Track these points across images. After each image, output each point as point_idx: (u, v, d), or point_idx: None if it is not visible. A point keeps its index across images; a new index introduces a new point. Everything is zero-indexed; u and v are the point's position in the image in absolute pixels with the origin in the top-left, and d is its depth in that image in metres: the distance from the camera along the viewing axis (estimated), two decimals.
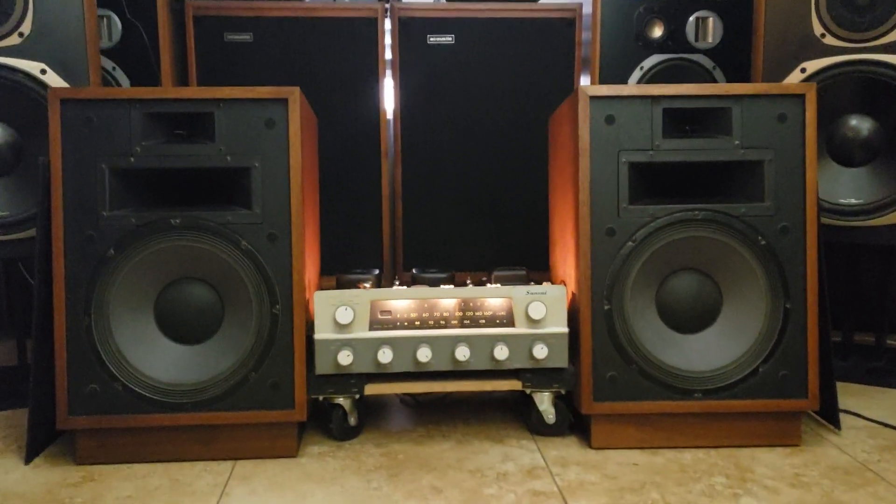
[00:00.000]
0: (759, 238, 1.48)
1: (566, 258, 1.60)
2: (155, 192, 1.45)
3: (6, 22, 1.62)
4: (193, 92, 1.40)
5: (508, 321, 1.51)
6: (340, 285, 1.61)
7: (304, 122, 1.46)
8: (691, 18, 2.22)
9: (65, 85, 1.63)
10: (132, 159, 1.40)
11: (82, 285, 1.39)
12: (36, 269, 1.41)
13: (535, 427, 1.56)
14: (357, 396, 1.52)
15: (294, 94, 1.41)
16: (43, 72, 1.63)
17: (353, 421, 1.54)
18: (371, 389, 1.51)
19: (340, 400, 1.52)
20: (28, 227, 1.67)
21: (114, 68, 2.06)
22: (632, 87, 1.48)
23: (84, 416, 1.40)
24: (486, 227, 2.25)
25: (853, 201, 1.85)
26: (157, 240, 1.40)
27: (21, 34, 1.63)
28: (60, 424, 1.40)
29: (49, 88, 1.41)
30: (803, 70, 1.86)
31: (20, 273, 1.90)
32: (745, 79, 2.14)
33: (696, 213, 1.47)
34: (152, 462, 1.44)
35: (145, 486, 1.34)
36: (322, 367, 1.48)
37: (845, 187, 1.87)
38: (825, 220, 1.84)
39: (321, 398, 1.51)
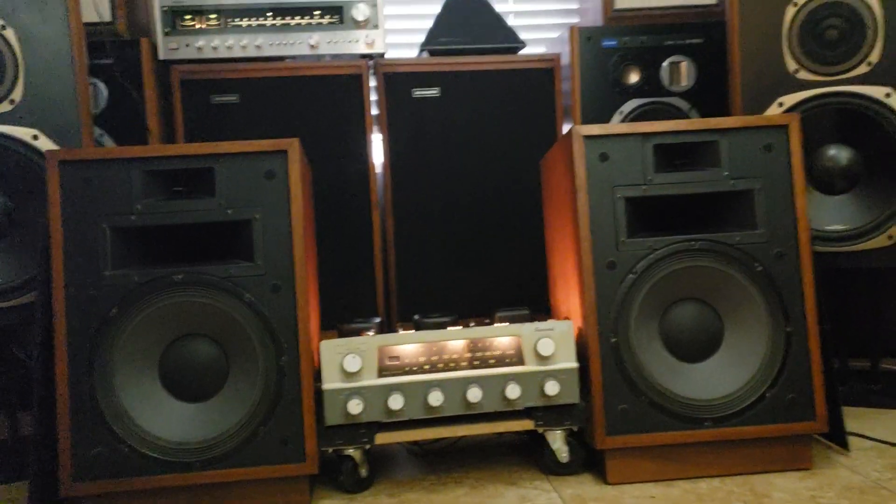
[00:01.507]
0: (756, 265, 1.50)
1: (568, 294, 1.61)
2: (157, 249, 1.44)
3: None
4: (192, 148, 1.41)
5: (518, 359, 1.51)
6: (343, 335, 1.60)
7: (302, 172, 1.47)
8: (665, 63, 2.27)
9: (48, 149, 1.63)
10: (133, 217, 1.40)
11: (85, 346, 1.38)
12: (37, 332, 1.39)
13: (549, 467, 1.55)
14: (367, 447, 1.50)
15: (294, 145, 1.43)
16: (35, 137, 1.64)
17: (363, 472, 1.52)
18: (382, 439, 1.49)
19: (350, 451, 1.50)
20: (20, 294, 1.66)
21: (101, 134, 2.07)
22: (623, 126, 1.52)
23: (90, 481, 1.37)
24: (481, 272, 2.26)
25: (839, 227, 1.89)
26: (161, 297, 1.40)
27: (12, 101, 1.64)
28: (65, 492, 1.37)
29: (47, 151, 1.41)
30: (780, 104, 1.91)
31: (7, 343, 1.87)
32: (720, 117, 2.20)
33: (693, 243, 1.49)
34: None
35: None
36: (332, 418, 1.46)
37: (830, 215, 1.91)
38: (815, 248, 1.87)
39: (330, 450, 1.50)
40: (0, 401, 1.87)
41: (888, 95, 1.85)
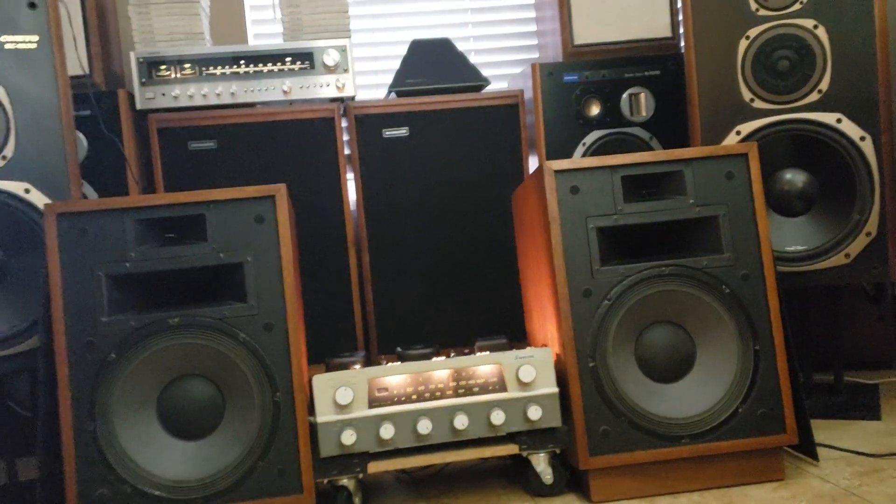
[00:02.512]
0: (724, 287, 1.59)
1: (545, 321, 1.68)
2: (152, 294, 1.50)
3: None
4: (184, 196, 1.47)
5: (501, 387, 1.58)
6: (330, 369, 1.66)
7: (289, 215, 1.54)
8: (624, 95, 2.38)
9: (48, 201, 1.68)
10: (128, 265, 1.46)
11: (86, 391, 1.42)
12: (40, 379, 1.43)
13: (535, 489, 1.61)
14: (361, 476, 1.55)
15: (281, 191, 1.49)
16: (27, 191, 1.68)
17: (358, 501, 1.57)
18: (374, 467, 1.55)
19: (345, 481, 1.55)
20: (15, 343, 1.69)
21: (82, 185, 2.11)
22: (591, 159, 1.60)
23: None
24: (456, 303, 2.33)
25: (798, 248, 1.99)
26: (157, 340, 1.45)
27: (4, 157, 1.68)
28: None
29: (45, 204, 1.46)
30: (738, 132, 2.01)
31: (2, 389, 1.89)
32: (680, 145, 2.30)
33: (664, 268, 1.58)
34: None
35: None
36: (326, 450, 1.52)
37: (789, 236, 2.01)
38: (778, 268, 1.96)
39: (325, 481, 1.55)
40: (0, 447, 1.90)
41: (839, 121, 1.96)
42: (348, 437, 1.51)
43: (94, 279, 1.44)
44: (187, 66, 2.24)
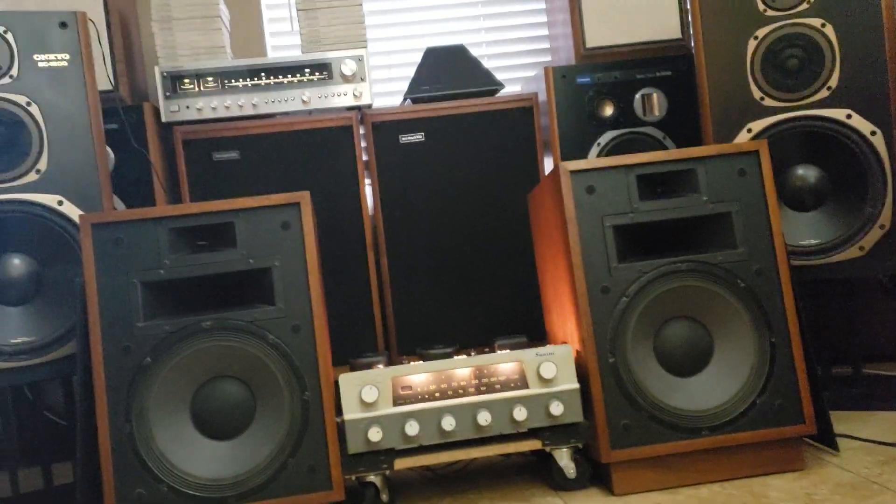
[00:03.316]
0: (739, 281, 1.62)
1: (564, 319, 1.72)
2: (185, 299, 1.55)
3: (24, 161, 1.74)
4: (214, 205, 1.53)
5: (522, 384, 1.62)
6: (355, 369, 1.70)
7: (313, 221, 1.59)
8: (637, 96, 2.41)
9: (80, 213, 1.74)
10: (162, 272, 1.51)
11: (122, 394, 1.48)
12: (78, 383, 1.49)
13: (558, 483, 1.65)
14: (388, 472, 1.60)
15: (305, 198, 1.55)
16: (60, 203, 1.75)
17: (385, 497, 1.61)
18: (400, 464, 1.59)
19: (372, 477, 1.60)
20: (51, 350, 1.75)
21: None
22: (606, 159, 1.64)
23: None
24: (474, 304, 2.37)
25: (812, 242, 2.02)
26: (190, 343, 1.50)
27: (38, 171, 1.75)
28: None
29: (80, 216, 1.52)
30: (749, 130, 2.04)
31: (40, 398, 1.96)
32: (693, 144, 2.33)
33: (680, 264, 1.62)
34: None
35: None
36: (354, 447, 1.56)
37: (803, 230, 2.04)
38: (792, 262, 2.00)
39: (353, 478, 1.59)
40: (35, 453, 1.95)
41: (849, 116, 1.99)
42: (375, 434, 1.55)
43: (129, 286, 1.50)
44: (209, 79, 2.30)
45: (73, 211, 1.76)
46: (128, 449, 1.47)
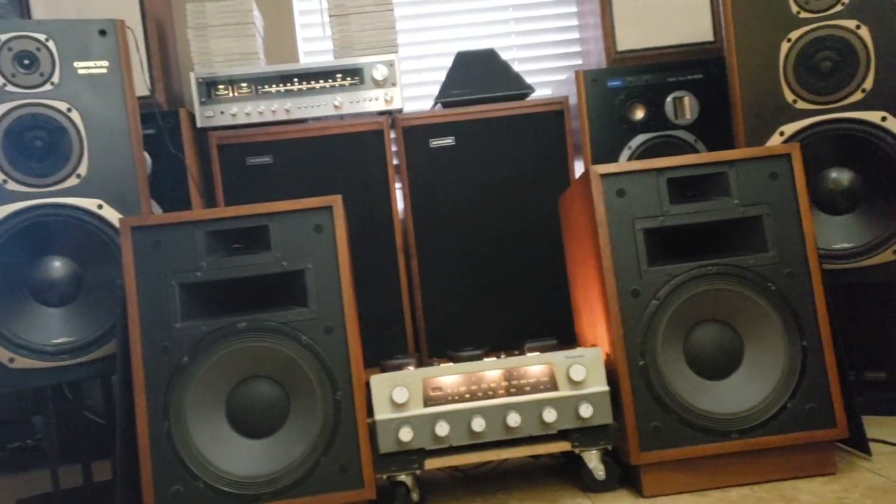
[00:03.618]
0: (770, 285, 1.62)
1: (594, 322, 1.73)
2: (220, 300, 1.58)
3: (65, 166, 1.79)
4: (249, 209, 1.57)
5: (552, 386, 1.64)
6: (385, 371, 1.72)
7: (345, 224, 1.62)
8: (668, 99, 2.41)
9: (119, 217, 1.78)
10: (199, 274, 1.55)
11: (160, 393, 1.52)
12: (118, 382, 1.53)
13: (587, 485, 1.66)
14: (418, 472, 1.62)
15: (338, 202, 1.58)
16: (100, 207, 1.79)
17: (416, 497, 1.63)
18: (430, 464, 1.61)
19: (403, 477, 1.62)
20: (91, 350, 1.79)
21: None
22: (637, 163, 1.65)
23: None
24: (503, 307, 2.39)
25: (845, 245, 2.01)
26: (226, 344, 1.54)
27: (78, 175, 1.80)
28: None
29: (120, 219, 1.56)
30: (781, 133, 2.04)
31: (80, 398, 2.00)
32: (725, 147, 2.33)
33: (710, 268, 1.62)
34: None
35: None
36: (385, 446, 1.59)
37: (836, 234, 2.03)
38: (824, 266, 1.99)
39: (385, 477, 1.62)
40: (75, 451, 2.00)
41: (884, 119, 1.98)
42: (405, 434, 1.58)
43: (167, 288, 1.54)
44: (243, 84, 2.34)
45: (112, 214, 1.80)
46: (166, 446, 1.51)
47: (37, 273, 1.79)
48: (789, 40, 2.04)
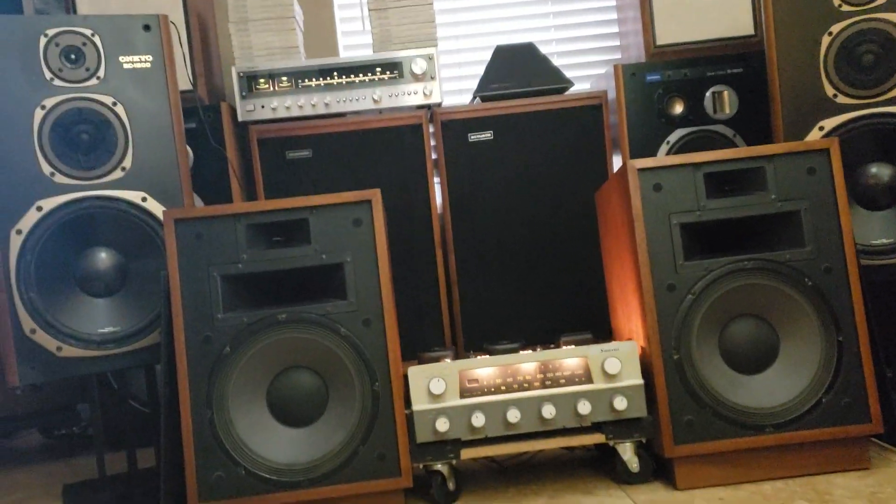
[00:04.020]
0: (806, 280, 1.62)
1: (630, 316, 1.74)
2: (260, 292, 1.62)
3: (110, 160, 1.83)
4: (289, 202, 1.60)
5: (586, 378, 1.65)
6: (423, 363, 1.75)
7: (383, 218, 1.64)
8: (707, 93, 2.40)
9: (163, 209, 1.83)
10: (240, 266, 1.59)
11: (203, 381, 1.55)
12: (162, 371, 1.57)
13: (621, 477, 1.67)
14: (454, 462, 1.65)
15: (376, 196, 1.60)
16: (144, 199, 1.84)
17: (451, 486, 1.66)
18: (466, 454, 1.64)
19: (439, 466, 1.65)
20: (136, 339, 1.84)
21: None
22: (674, 157, 1.65)
23: (213, 501, 1.54)
24: (540, 302, 2.40)
25: (884, 241, 1.99)
26: (267, 335, 1.57)
27: (123, 168, 1.84)
28: None
29: (164, 211, 1.60)
30: (821, 128, 2.02)
31: (124, 387, 2.06)
32: (764, 142, 2.32)
33: (747, 262, 1.62)
34: None
35: None
36: (422, 436, 1.62)
37: (875, 229, 2.01)
38: (862, 262, 1.97)
39: (421, 466, 1.64)
40: (120, 439, 2.06)
41: None
42: (442, 425, 1.60)
43: (209, 279, 1.58)
44: (283, 79, 2.37)
45: (156, 207, 1.85)
46: (208, 434, 1.55)
47: (83, 264, 1.84)
48: (830, 34, 2.02)
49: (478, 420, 1.61)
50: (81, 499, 1.95)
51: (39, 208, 1.78)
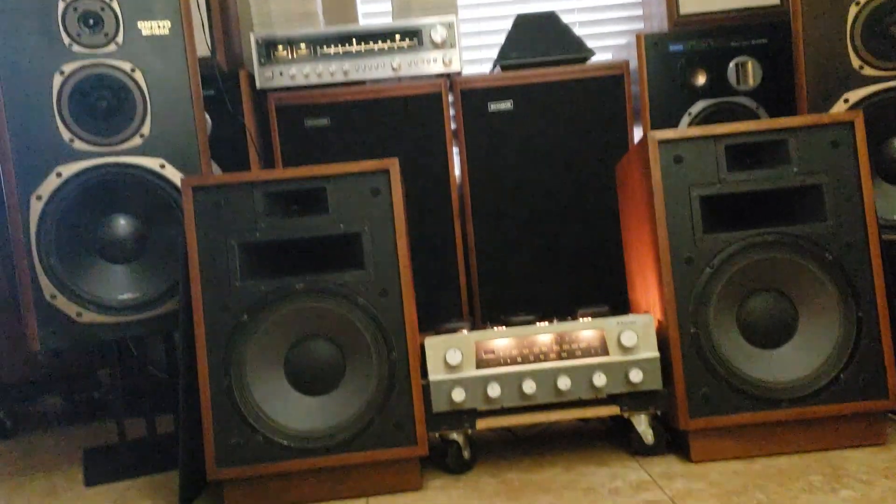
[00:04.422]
0: (826, 254, 1.61)
1: (647, 290, 1.74)
2: (277, 261, 1.62)
3: (129, 126, 1.84)
4: (307, 171, 1.59)
5: (602, 351, 1.65)
6: (440, 334, 1.75)
7: (401, 187, 1.64)
8: (731, 64, 2.37)
9: (181, 176, 1.83)
10: (257, 234, 1.59)
11: (221, 349, 1.56)
12: (180, 338, 1.58)
13: (635, 448, 1.68)
14: (469, 431, 1.65)
15: (395, 165, 1.59)
16: (162, 166, 1.84)
17: (467, 455, 1.67)
18: (482, 424, 1.64)
19: (455, 435, 1.66)
20: (155, 306, 1.86)
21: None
22: (695, 129, 1.64)
23: (231, 467, 1.56)
24: (558, 275, 2.40)
25: None
26: (284, 303, 1.58)
27: (142, 135, 1.84)
28: (211, 476, 1.55)
29: (182, 179, 1.60)
30: (846, 100, 2.00)
31: (144, 353, 2.07)
32: (788, 114, 2.28)
33: (767, 236, 1.61)
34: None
35: None
36: (438, 406, 1.62)
37: None
38: (885, 237, 1.95)
39: (437, 435, 1.65)
40: (139, 405, 2.08)
41: None
42: (458, 395, 1.61)
43: (227, 247, 1.58)
44: (302, 45, 2.36)
45: (174, 174, 1.85)
46: (226, 401, 1.56)
47: (103, 231, 1.85)
48: (857, 4, 1.99)
49: (493, 391, 1.62)
50: (101, 463, 1.98)
51: (59, 174, 1.79)
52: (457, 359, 1.62)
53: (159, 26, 1.87)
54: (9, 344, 2.56)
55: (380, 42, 2.38)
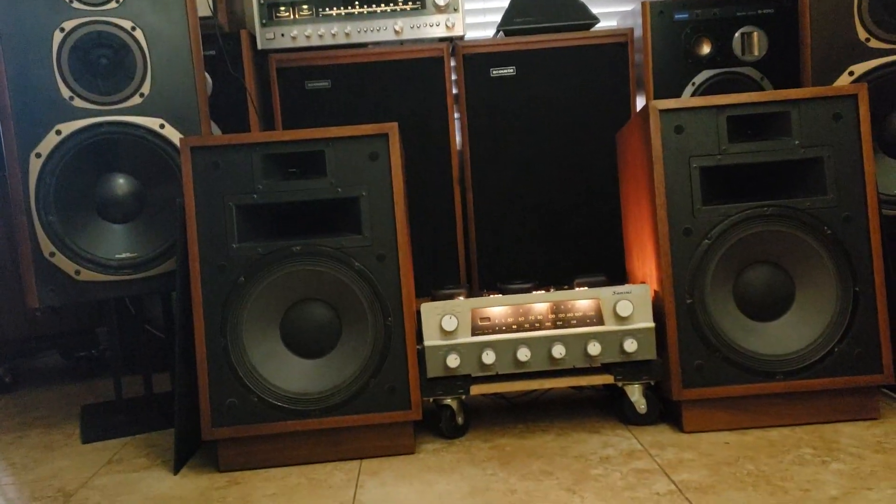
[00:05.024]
0: (825, 228, 1.60)
1: (645, 260, 1.74)
2: (275, 224, 1.62)
3: (129, 85, 1.82)
4: (306, 133, 1.59)
5: (598, 320, 1.65)
6: (436, 300, 1.76)
7: (400, 152, 1.63)
8: (737, 34, 2.35)
9: (180, 136, 1.82)
10: (255, 196, 1.58)
11: (217, 310, 1.57)
12: (177, 298, 1.59)
13: (628, 417, 1.69)
14: (463, 396, 1.66)
15: (394, 129, 1.59)
16: (161, 126, 1.84)
17: (460, 420, 1.68)
18: (476, 390, 1.65)
19: (448, 401, 1.67)
20: (153, 266, 1.86)
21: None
22: (697, 99, 1.63)
23: (226, 427, 1.57)
24: (557, 243, 2.39)
25: None
26: (281, 266, 1.58)
27: (142, 94, 1.83)
28: (206, 436, 1.57)
29: (180, 139, 1.60)
30: (851, 73, 1.98)
31: (142, 312, 2.08)
32: (793, 85, 2.26)
33: (766, 209, 1.60)
34: (287, 465, 1.60)
35: (286, 485, 1.50)
36: (433, 371, 1.63)
37: None
38: (885, 212, 1.95)
39: (431, 400, 1.66)
40: (137, 363, 2.09)
41: None
42: (453, 361, 1.62)
43: (225, 209, 1.58)
44: (304, 6, 2.34)
45: (173, 134, 1.84)
46: (222, 361, 1.57)
47: (101, 189, 1.85)
48: None
49: (488, 357, 1.63)
50: (98, 419, 2.00)
51: (58, 132, 1.78)
52: (452, 325, 1.63)
53: None
54: (9, 300, 2.57)
55: (382, 4, 2.35)
